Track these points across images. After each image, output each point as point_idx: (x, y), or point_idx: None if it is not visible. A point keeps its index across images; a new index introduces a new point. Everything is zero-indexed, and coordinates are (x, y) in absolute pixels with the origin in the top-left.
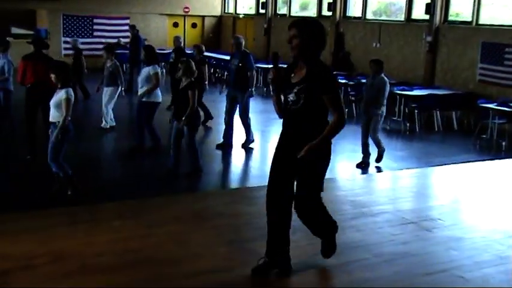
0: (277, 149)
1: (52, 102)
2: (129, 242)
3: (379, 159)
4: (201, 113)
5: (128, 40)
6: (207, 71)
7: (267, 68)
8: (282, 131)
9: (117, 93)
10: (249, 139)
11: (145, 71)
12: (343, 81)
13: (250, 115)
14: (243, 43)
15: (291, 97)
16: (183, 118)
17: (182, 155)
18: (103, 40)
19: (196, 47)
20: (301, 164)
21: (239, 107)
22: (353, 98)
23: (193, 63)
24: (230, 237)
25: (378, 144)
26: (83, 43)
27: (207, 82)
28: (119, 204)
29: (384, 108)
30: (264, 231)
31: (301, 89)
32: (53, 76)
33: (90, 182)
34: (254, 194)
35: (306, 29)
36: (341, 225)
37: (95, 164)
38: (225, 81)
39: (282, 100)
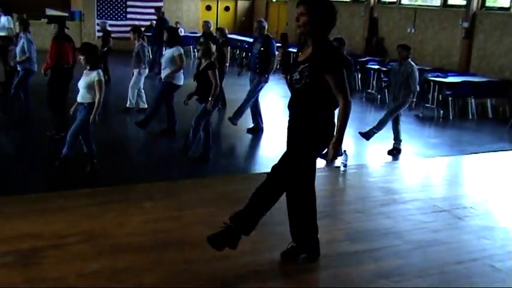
0: (287, 134)
1: (82, 84)
2: (160, 223)
3: (366, 134)
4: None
5: None
6: (229, 53)
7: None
8: (289, 112)
9: (143, 75)
10: (234, 120)
11: (169, 52)
12: (376, 67)
13: (282, 100)
14: (266, 27)
15: (295, 76)
16: (210, 99)
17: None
18: (136, 23)
19: (219, 29)
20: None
21: (251, 87)
22: (385, 84)
23: (211, 45)
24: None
25: (380, 124)
26: (116, 25)
27: (227, 64)
28: (150, 186)
29: (413, 96)
30: None
31: (305, 68)
32: (82, 58)
33: (116, 163)
34: None
35: (315, 6)
36: (371, 211)
37: (121, 146)
38: (246, 65)
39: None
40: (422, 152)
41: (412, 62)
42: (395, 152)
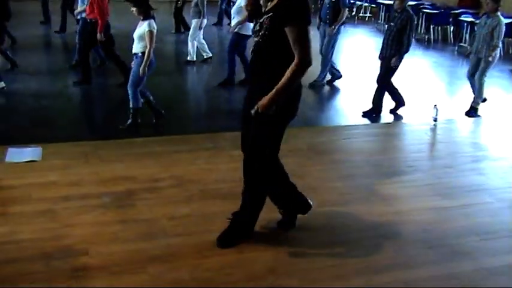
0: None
1: (135, 35)
2: None
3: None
4: None
5: None
6: None
7: (389, 4)
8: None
9: (201, 25)
10: (320, 75)
11: (238, 2)
12: (470, 19)
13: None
14: None
15: (256, 27)
16: None
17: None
18: None
19: None
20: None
21: (325, 41)
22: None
23: None
24: (346, 172)
25: (479, 90)
26: None
27: None
28: (237, 134)
29: (497, 51)
30: (381, 168)
31: (267, 19)
32: (134, 9)
33: (183, 113)
34: (371, 130)
35: None
36: (461, 167)
37: (191, 97)
38: (318, 17)
39: None
40: None
41: (500, 16)
42: (471, 111)
